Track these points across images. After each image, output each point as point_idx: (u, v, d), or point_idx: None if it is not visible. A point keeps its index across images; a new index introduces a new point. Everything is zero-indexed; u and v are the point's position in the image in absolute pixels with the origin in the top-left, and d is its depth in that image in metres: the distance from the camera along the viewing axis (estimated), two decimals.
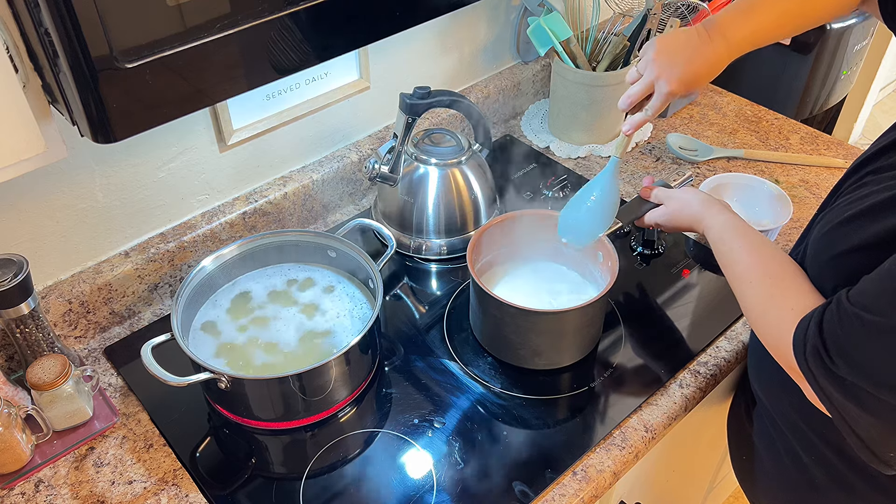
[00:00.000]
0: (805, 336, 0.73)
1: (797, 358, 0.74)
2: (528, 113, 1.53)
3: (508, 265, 1.12)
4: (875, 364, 0.68)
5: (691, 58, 0.91)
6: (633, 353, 1.06)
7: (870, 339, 0.68)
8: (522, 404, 0.99)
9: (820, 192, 1.33)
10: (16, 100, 0.67)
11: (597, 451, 0.93)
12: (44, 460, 0.92)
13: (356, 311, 1.04)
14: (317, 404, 0.95)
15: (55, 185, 0.97)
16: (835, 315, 0.71)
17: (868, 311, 0.68)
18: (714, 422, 1.26)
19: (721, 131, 1.48)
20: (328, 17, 0.78)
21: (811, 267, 0.82)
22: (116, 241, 1.08)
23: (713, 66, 0.92)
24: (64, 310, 1.03)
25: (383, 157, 1.14)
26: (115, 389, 1.02)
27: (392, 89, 1.29)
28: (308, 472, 0.91)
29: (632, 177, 1.37)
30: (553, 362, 1.02)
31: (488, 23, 1.39)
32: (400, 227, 1.21)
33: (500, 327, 1.00)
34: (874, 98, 2.85)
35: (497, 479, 0.90)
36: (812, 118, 2.03)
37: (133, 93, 0.68)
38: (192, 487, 0.90)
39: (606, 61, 1.36)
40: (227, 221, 1.15)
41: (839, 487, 0.90)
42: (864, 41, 1.98)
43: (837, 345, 0.70)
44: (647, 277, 1.17)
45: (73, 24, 0.61)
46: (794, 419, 0.92)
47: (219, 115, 1.08)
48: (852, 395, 0.71)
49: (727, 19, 0.91)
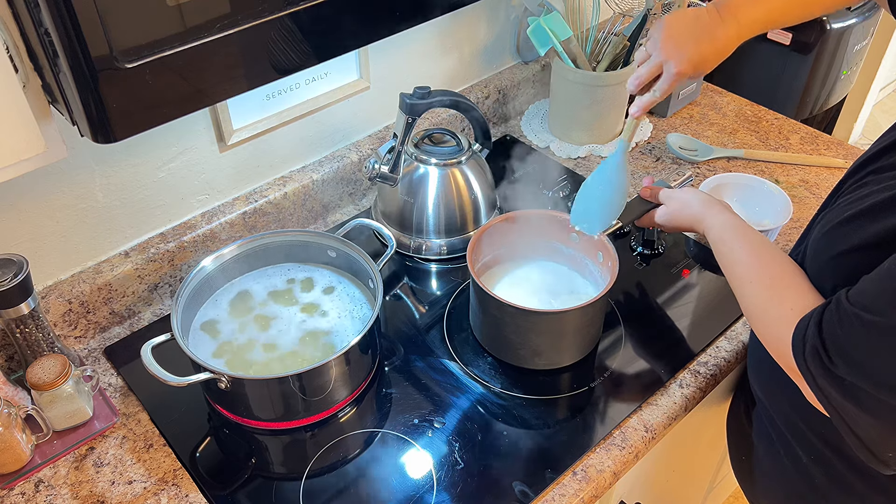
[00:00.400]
0: (804, 336, 0.73)
1: (796, 358, 0.74)
2: (528, 113, 1.53)
3: (508, 265, 1.12)
4: (874, 364, 0.68)
5: (699, 37, 0.90)
6: (633, 353, 1.06)
7: (869, 339, 0.68)
8: (522, 404, 0.99)
9: (820, 192, 1.33)
10: (16, 100, 0.67)
11: (597, 451, 0.93)
12: (44, 460, 0.92)
13: (356, 311, 1.04)
14: (317, 404, 0.95)
15: (55, 185, 0.97)
16: (834, 315, 0.71)
17: (867, 311, 0.68)
18: (714, 422, 1.26)
19: (721, 131, 1.48)
20: (328, 17, 0.78)
21: (811, 267, 0.82)
22: (116, 241, 1.08)
23: (723, 46, 0.91)
24: (64, 310, 1.03)
25: (383, 157, 1.14)
26: (115, 389, 1.02)
27: (392, 89, 1.29)
28: (308, 472, 0.91)
29: (632, 177, 1.37)
30: (553, 362, 1.02)
31: (488, 23, 1.39)
32: (400, 227, 1.21)
33: (501, 327, 1.00)
34: (874, 98, 2.85)
35: (497, 479, 0.90)
36: (812, 118, 2.03)
37: (133, 93, 0.68)
38: (192, 487, 0.90)
39: (606, 61, 1.36)
40: (227, 221, 1.15)
41: (838, 487, 0.90)
42: (864, 41, 1.98)
43: (837, 344, 0.70)
44: (647, 277, 1.17)
45: (73, 24, 0.61)
46: (793, 419, 0.92)
47: (219, 115, 1.08)
48: (851, 395, 0.71)
49: (738, 0, 0.90)
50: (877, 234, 0.73)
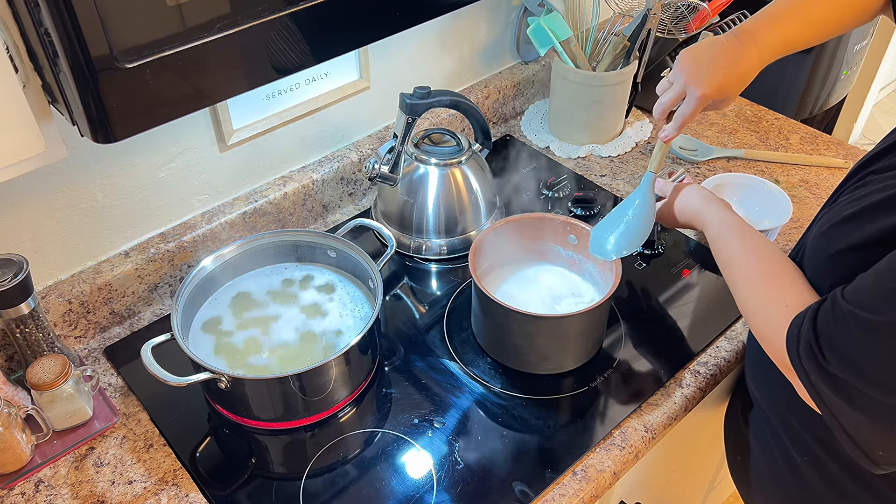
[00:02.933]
0: (799, 332, 0.74)
1: (790, 354, 0.74)
2: (528, 113, 1.53)
3: (508, 268, 1.11)
4: (867, 361, 0.68)
5: (718, 61, 0.92)
6: (634, 352, 1.05)
7: (863, 336, 0.68)
8: (522, 404, 0.99)
9: (820, 192, 1.33)
10: (16, 100, 0.67)
11: (597, 451, 0.93)
12: (44, 460, 0.92)
13: (356, 311, 1.04)
14: (317, 404, 0.95)
15: (55, 185, 0.97)
16: (829, 312, 0.71)
17: (863, 309, 0.68)
18: (714, 422, 1.26)
19: (721, 131, 1.48)
20: (328, 17, 0.78)
21: (809, 265, 0.82)
22: (116, 241, 1.08)
23: (745, 71, 0.92)
24: (64, 310, 1.03)
25: (383, 157, 1.14)
26: (115, 389, 1.02)
27: (392, 89, 1.29)
28: (308, 472, 0.91)
29: (632, 177, 1.37)
30: (560, 366, 1.02)
31: (488, 23, 1.39)
32: (400, 227, 1.21)
33: (506, 333, 1.00)
34: (874, 98, 2.85)
35: (497, 479, 0.90)
36: (812, 118, 2.03)
37: (133, 93, 0.68)
38: (192, 487, 0.90)
39: (606, 61, 1.36)
40: (227, 221, 1.15)
41: (832, 489, 0.90)
42: (864, 41, 1.98)
43: (831, 341, 0.70)
44: (647, 277, 1.17)
45: (73, 24, 0.61)
46: (789, 419, 0.92)
47: (219, 115, 1.08)
48: (843, 393, 0.71)
49: (756, 26, 0.92)
50: (873, 233, 0.73)
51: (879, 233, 0.72)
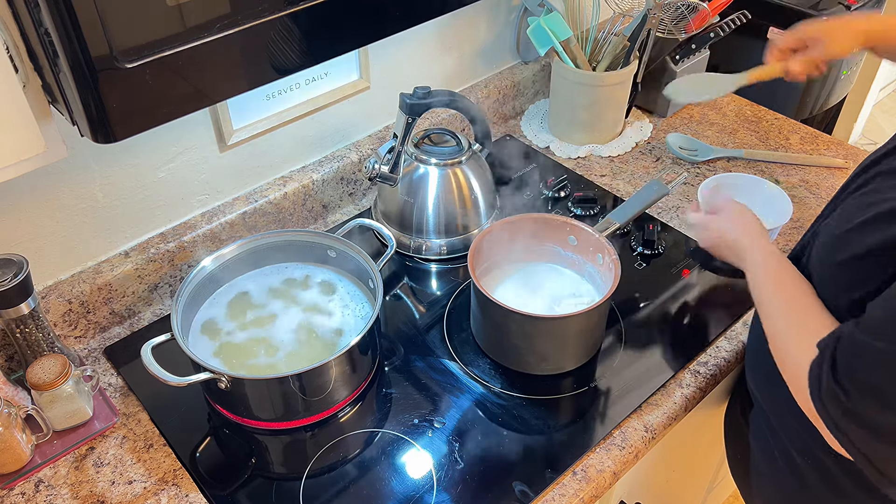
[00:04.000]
0: (819, 374, 0.74)
1: (813, 400, 0.75)
2: (528, 113, 1.53)
3: (507, 268, 1.11)
4: (887, 388, 0.69)
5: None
6: (633, 352, 1.05)
7: (882, 365, 0.69)
8: (522, 404, 0.99)
9: (820, 192, 1.33)
10: (16, 100, 0.67)
11: (597, 451, 0.93)
12: (44, 460, 0.92)
13: (356, 311, 1.04)
14: (317, 404, 0.95)
15: (55, 185, 0.97)
16: (846, 347, 0.72)
17: (879, 339, 0.69)
18: (714, 422, 1.26)
19: (721, 131, 1.48)
20: (328, 17, 0.78)
21: (816, 272, 0.83)
22: (116, 241, 1.08)
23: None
24: (64, 310, 1.03)
25: (383, 157, 1.14)
26: (115, 389, 1.02)
27: (392, 89, 1.29)
28: (308, 472, 0.91)
29: (632, 177, 1.37)
30: (559, 367, 1.02)
31: (488, 23, 1.39)
32: (400, 227, 1.21)
33: (506, 334, 1.00)
34: (874, 98, 2.84)
35: (497, 479, 0.90)
36: (812, 118, 2.03)
37: (133, 93, 0.68)
38: (192, 487, 0.90)
39: (606, 61, 1.36)
40: (227, 221, 1.15)
41: (832, 489, 0.90)
42: None
43: (850, 374, 0.71)
44: (647, 277, 1.17)
45: (73, 24, 0.61)
46: (788, 419, 0.92)
47: (219, 116, 1.08)
48: (867, 426, 0.71)
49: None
50: (874, 244, 0.73)
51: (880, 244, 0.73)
